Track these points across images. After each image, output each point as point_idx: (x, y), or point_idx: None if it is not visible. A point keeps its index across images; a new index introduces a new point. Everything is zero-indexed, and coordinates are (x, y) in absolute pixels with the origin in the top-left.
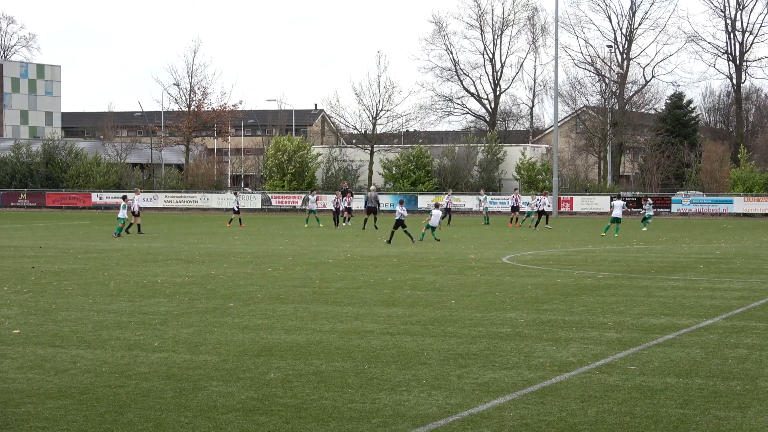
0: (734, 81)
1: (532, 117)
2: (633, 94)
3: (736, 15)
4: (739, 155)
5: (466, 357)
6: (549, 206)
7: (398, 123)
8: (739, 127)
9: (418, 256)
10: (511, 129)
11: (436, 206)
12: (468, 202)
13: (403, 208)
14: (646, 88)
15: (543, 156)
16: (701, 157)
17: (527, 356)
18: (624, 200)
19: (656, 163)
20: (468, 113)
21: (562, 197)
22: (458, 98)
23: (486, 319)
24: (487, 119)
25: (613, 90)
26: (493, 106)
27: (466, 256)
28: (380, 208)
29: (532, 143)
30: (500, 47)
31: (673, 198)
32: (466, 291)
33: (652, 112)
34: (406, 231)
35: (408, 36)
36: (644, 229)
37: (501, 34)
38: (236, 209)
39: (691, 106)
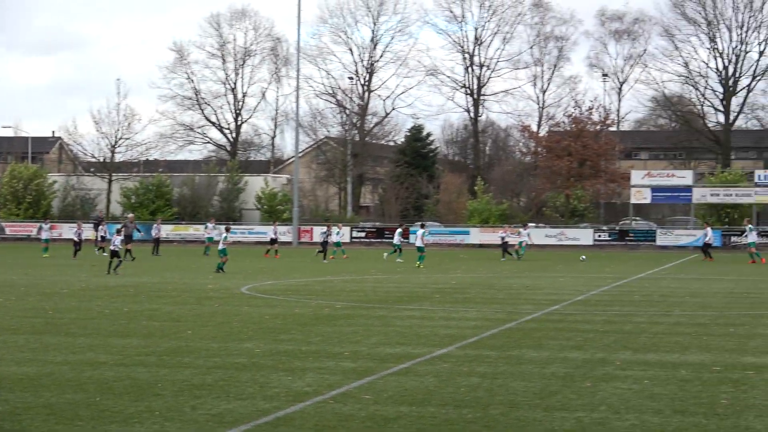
0: (472, 114)
1: (273, 147)
2: (373, 126)
3: (474, 50)
4: (476, 187)
5: (200, 388)
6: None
7: (138, 151)
8: (476, 160)
9: (156, 287)
10: (252, 159)
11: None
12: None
13: (119, 238)
14: (386, 120)
15: (284, 186)
16: (439, 189)
17: (262, 386)
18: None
19: (395, 195)
20: (209, 142)
21: (302, 227)
22: (199, 127)
23: (222, 350)
24: (229, 149)
25: (354, 121)
26: (234, 135)
27: (205, 286)
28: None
29: (273, 173)
30: (242, 77)
31: (411, 229)
32: (203, 321)
33: (392, 143)
34: (111, 262)
35: (149, 64)
36: (399, 260)
37: (243, 64)
38: None
39: (430, 138)
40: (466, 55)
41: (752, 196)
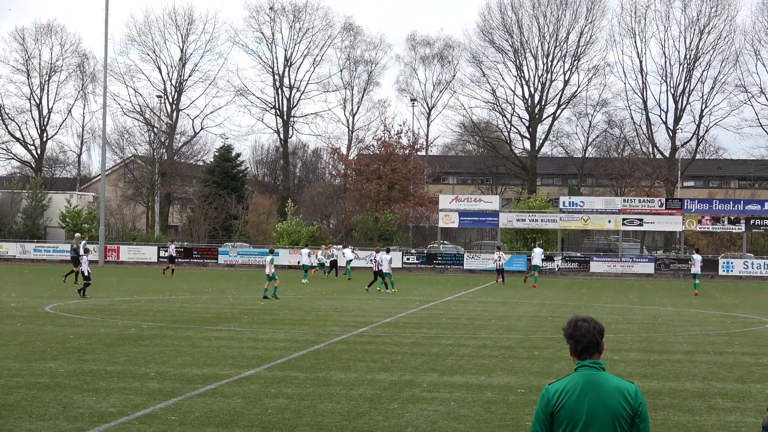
0: (282, 136)
1: (79, 164)
2: (182, 145)
3: (284, 72)
4: (286, 209)
5: (2, 408)
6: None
7: None
8: (286, 181)
9: None
10: (58, 176)
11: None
12: (11, 249)
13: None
14: (195, 139)
15: (90, 204)
16: (248, 210)
17: (66, 407)
18: (389, 252)
19: (204, 215)
20: (13, 158)
21: (108, 246)
22: (3, 143)
23: (25, 370)
24: (33, 165)
25: (162, 140)
26: (39, 152)
27: (7, 304)
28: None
29: (79, 191)
30: (48, 93)
31: (220, 249)
32: (5, 340)
33: (201, 163)
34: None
35: None
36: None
37: (49, 80)
38: None
39: (240, 158)
40: (276, 77)
41: (557, 221)
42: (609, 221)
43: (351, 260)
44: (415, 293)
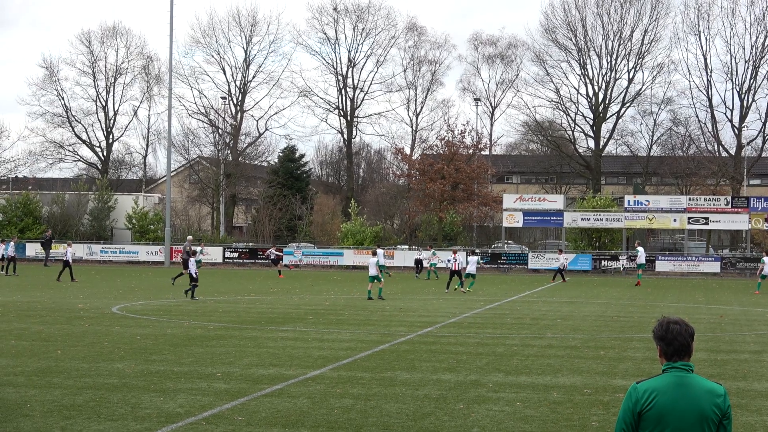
0: (345, 136)
1: (145, 166)
2: (246, 146)
3: (347, 72)
4: (350, 209)
5: (71, 408)
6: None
7: (6, 168)
8: (350, 182)
9: (25, 306)
10: (124, 177)
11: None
12: (78, 251)
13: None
14: (259, 140)
15: (156, 205)
16: (313, 210)
17: (134, 407)
18: (477, 254)
19: (269, 215)
20: (80, 160)
21: (174, 247)
22: (70, 145)
23: (93, 370)
24: (100, 167)
25: (227, 141)
26: (105, 153)
27: (75, 305)
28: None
29: (145, 192)
30: (113, 95)
31: (285, 249)
32: (73, 341)
33: (266, 164)
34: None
35: (17, 80)
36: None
37: (114, 82)
38: None
39: (304, 159)
40: (340, 77)
41: (622, 221)
42: (674, 220)
43: (435, 263)
44: (479, 293)
